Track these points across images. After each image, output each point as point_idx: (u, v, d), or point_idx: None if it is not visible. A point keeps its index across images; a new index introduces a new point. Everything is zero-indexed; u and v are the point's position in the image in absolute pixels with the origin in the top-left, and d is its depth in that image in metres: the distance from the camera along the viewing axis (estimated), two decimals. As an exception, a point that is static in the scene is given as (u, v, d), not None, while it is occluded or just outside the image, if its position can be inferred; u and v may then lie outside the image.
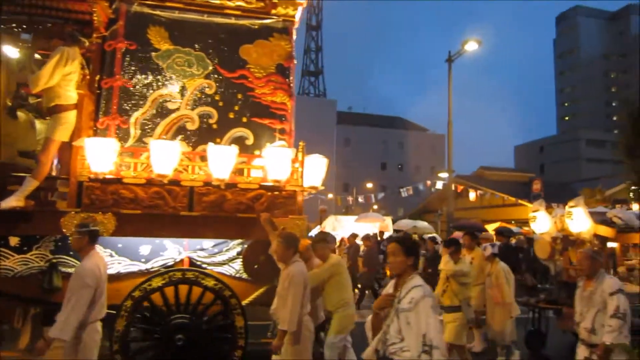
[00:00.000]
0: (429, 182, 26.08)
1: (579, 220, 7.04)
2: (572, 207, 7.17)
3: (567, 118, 78.96)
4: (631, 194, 23.55)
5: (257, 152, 5.37)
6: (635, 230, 6.93)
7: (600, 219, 7.29)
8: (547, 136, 70.24)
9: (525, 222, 25.40)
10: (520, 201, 25.31)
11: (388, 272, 12.12)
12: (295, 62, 5.74)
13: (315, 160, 5.49)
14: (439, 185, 26.25)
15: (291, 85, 5.75)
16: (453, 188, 22.20)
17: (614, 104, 69.18)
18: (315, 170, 5.45)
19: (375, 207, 37.06)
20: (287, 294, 4.26)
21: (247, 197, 5.08)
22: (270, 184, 5.07)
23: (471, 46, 17.15)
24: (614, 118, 65.19)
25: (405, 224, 21.62)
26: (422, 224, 21.60)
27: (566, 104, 79.46)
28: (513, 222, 23.11)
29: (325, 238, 5.88)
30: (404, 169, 64.22)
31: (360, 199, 28.56)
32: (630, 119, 22.89)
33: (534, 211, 8.01)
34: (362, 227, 17.97)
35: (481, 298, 6.99)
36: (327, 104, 66.37)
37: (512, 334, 6.57)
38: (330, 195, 35.32)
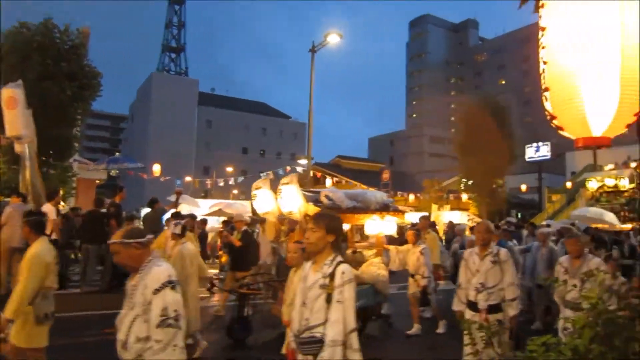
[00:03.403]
0: (288, 168, 26.64)
1: (289, 198, 6.54)
2: (284, 184, 6.61)
3: (414, 115, 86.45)
4: (462, 186, 26.86)
5: None
6: (343, 210, 6.60)
7: (314, 198, 6.91)
8: (397, 131, 76.30)
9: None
10: (371, 189, 27.24)
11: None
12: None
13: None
14: (299, 171, 27.02)
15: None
16: (312, 174, 23.07)
17: (452, 106, 77.64)
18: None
19: (235, 191, 36.82)
20: None
21: None
22: None
23: (333, 38, 17.88)
24: (452, 118, 73.45)
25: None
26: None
27: (414, 102, 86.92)
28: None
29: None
30: (266, 154, 64.72)
31: (220, 183, 28.12)
32: (463, 120, 26.03)
33: (256, 189, 7.21)
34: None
35: None
36: (188, 83, 63.79)
37: (197, 323, 5.69)
38: (188, 178, 34.15)
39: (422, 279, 7.06)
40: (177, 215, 6.40)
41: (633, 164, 22.06)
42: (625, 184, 20.56)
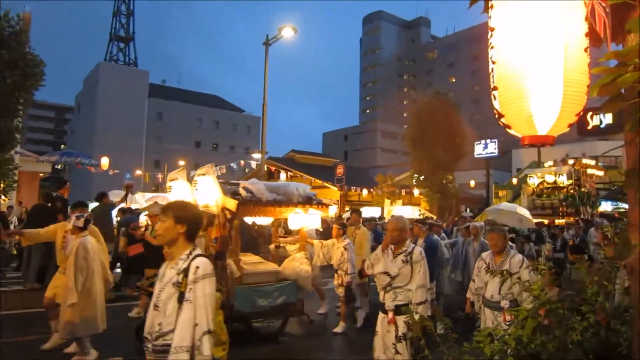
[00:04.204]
0: (242, 162, 26.39)
1: (205, 190, 6.11)
2: (200, 175, 6.19)
3: (367, 111, 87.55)
4: (413, 181, 27.44)
5: None
6: (264, 203, 6.39)
7: (232, 190, 6.65)
8: (351, 126, 76.99)
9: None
10: (326, 184, 27.43)
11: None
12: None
13: None
14: (253, 165, 26.80)
15: None
16: (266, 169, 22.90)
17: (405, 102, 79.10)
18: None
19: (187, 185, 35.99)
20: None
21: None
22: None
23: (287, 32, 17.77)
24: (404, 114, 74.91)
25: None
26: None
27: (367, 98, 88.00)
28: (318, 203, 24.87)
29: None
30: (219, 148, 63.72)
31: (171, 177, 27.44)
32: (414, 117, 26.57)
33: (171, 180, 6.71)
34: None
35: None
36: (138, 73, 61.68)
37: (103, 324, 5.28)
38: (138, 172, 33.14)
39: (345, 275, 6.96)
40: (78, 205, 5.94)
41: (571, 161, 23.19)
42: (563, 180, 21.56)
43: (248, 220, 7.79)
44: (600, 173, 24.72)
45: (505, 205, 10.43)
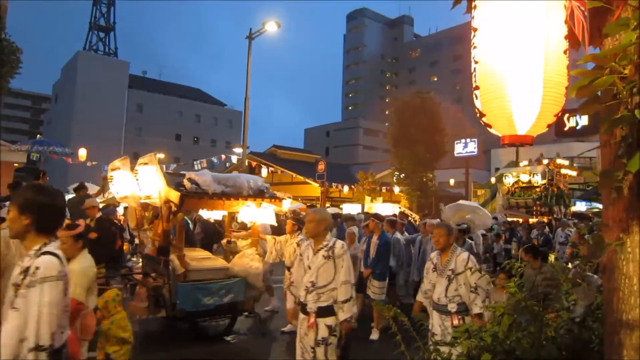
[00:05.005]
0: (223, 156, 26.20)
1: (147, 181, 5.76)
2: (141, 164, 5.77)
3: (350, 108, 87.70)
4: (394, 178, 27.61)
5: None
6: (210, 195, 6.05)
7: (176, 181, 6.35)
8: (333, 122, 77.04)
9: (311, 199, 27.73)
10: (307, 179, 27.41)
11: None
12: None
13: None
14: (234, 159, 26.62)
15: None
16: (247, 164, 22.79)
17: (387, 100, 79.40)
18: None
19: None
20: None
21: None
22: None
23: (271, 27, 17.68)
24: (387, 112, 75.25)
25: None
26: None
27: (350, 95, 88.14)
28: (300, 199, 24.90)
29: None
30: (200, 141, 63.13)
31: (151, 170, 27.09)
32: (396, 114, 26.72)
33: (112, 169, 6.27)
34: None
35: None
36: (118, 64, 60.62)
37: None
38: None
39: None
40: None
41: (545, 161, 23.58)
42: (538, 179, 21.91)
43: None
44: (574, 173, 25.19)
45: (465, 202, 10.18)
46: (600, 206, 1.82)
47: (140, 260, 7.31)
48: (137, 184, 5.83)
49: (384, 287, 7.04)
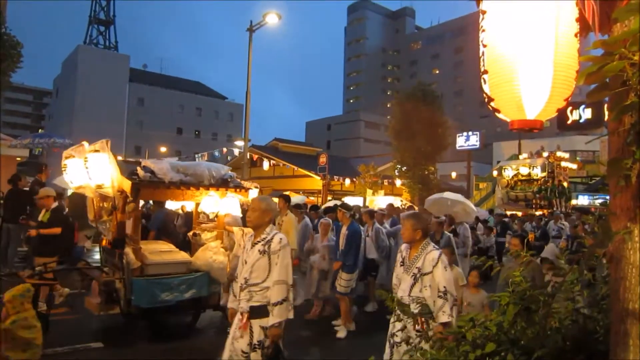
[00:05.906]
0: (225, 150, 26.19)
1: (98, 169, 5.39)
2: (92, 151, 5.42)
3: (351, 101, 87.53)
4: (396, 171, 27.57)
5: None
6: (167, 184, 5.70)
7: (130, 169, 5.95)
8: (335, 115, 76.89)
9: (312, 192, 27.72)
10: (309, 173, 27.40)
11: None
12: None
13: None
14: (235, 153, 26.61)
15: None
16: (248, 157, 22.77)
17: (388, 93, 79.24)
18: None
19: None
20: None
21: None
22: None
23: (272, 19, 17.57)
24: (388, 105, 75.09)
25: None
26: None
27: (351, 88, 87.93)
28: (301, 192, 24.90)
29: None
30: (201, 135, 63.12)
31: (152, 163, 27.12)
32: (398, 107, 26.63)
33: (66, 158, 5.78)
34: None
35: None
36: (118, 58, 60.50)
37: None
38: (119, 158, 32.63)
39: None
40: None
41: (545, 154, 23.51)
42: (537, 172, 21.83)
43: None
44: (574, 166, 25.13)
45: (447, 195, 9.86)
46: (604, 198, 1.81)
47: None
48: (87, 172, 5.43)
49: (352, 279, 6.74)
